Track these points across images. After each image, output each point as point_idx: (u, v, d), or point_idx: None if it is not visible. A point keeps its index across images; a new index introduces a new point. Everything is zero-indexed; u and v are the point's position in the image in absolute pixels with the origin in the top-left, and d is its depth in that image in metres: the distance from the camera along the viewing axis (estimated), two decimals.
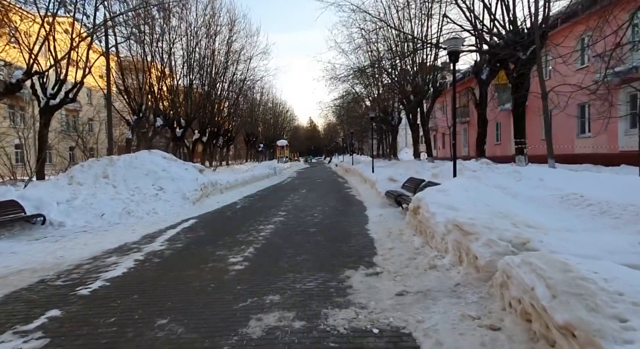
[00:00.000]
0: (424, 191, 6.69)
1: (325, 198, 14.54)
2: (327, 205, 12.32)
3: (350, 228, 8.27)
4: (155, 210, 10.91)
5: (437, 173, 10.92)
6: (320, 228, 8.42)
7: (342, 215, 10.16)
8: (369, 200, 12.96)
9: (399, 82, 26.29)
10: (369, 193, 14.90)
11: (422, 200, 6.21)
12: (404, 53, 22.00)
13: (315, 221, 9.43)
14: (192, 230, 8.74)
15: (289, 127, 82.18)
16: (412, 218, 6.82)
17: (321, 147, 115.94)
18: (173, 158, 13.86)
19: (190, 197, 12.08)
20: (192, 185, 12.65)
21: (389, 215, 9.39)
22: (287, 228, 8.58)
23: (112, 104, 17.94)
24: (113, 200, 10.75)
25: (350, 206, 12.00)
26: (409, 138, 57.78)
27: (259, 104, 50.91)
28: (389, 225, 8.15)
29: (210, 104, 30.91)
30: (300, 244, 6.98)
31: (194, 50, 26.42)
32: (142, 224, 9.49)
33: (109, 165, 12.15)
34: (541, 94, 11.31)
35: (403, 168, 20.30)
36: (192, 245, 7.24)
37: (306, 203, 13.01)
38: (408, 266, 4.95)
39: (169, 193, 11.94)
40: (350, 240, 7.12)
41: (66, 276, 5.44)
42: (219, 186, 14.79)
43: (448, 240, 4.83)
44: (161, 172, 12.63)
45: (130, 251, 6.78)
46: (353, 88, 37.40)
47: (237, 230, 8.46)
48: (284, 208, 11.88)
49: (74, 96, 15.44)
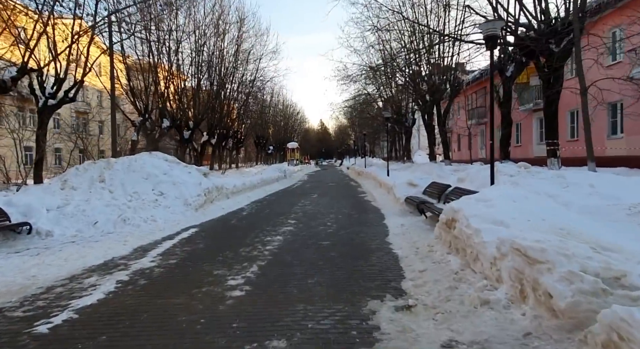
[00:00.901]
0: (459, 201, 5.63)
1: (339, 204, 13.52)
2: (340, 212, 11.30)
3: (368, 242, 7.24)
4: (153, 217, 10.01)
5: (464, 178, 9.84)
6: (335, 241, 7.40)
7: (358, 225, 9.13)
8: (387, 206, 11.90)
9: (414, 80, 25.18)
10: (385, 198, 13.84)
11: (459, 212, 5.16)
12: (419, 49, 20.90)
13: (329, 231, 8.41)
14: (190, 241, 7.80)
15: (299, 129, 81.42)
16: (444, 232, 5.77)
17: (332, 149, 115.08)
18: (175, 161, 12.99)
19: (192, 203, 11.17)
20: (195, 190, 11.74)
21: (411, 225, 8.33)
22: (297, 241, 7.58)
23: (115, 104, 17.25)
24: (108, 207, 9.88)
25: (366, 213, 10.95)
26: (422, 140, 56.55)
27: (269, 105, 50.14)
28: (414, 237, 7.09)
29: (219, 105, 30.14)
30: (312, 262, 5.97)
31: (201, 49, 25.68)
32: (137, 234, 8.58)
33: (106, 168, 11.31)
34: (580, 90, 10.15)
35: (420, 171, 19.19)
36: (187, 261, 6.28)
37: (318, 210, 12.01)
38: (450, 300, 3.90)
39: (169, 199, 11.04)
40: (370, 257, 6.08)
41: (30, 303, 4.51)
42: (224, 191, 13.87)
43: (502, 266, 3.77)
44: (162, 175, 11.75)
45: (115, 269, 5.84)
46: (365, 89, 36.36)
47: (240, 243, 7.49)
48: (293, 216, 10.89)
49: (73, 95, 14.66)
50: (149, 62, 22.04)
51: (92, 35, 14.66)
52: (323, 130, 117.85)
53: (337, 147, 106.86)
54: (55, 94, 14.35)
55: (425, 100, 25.66)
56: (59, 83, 14.38)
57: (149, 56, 22.01)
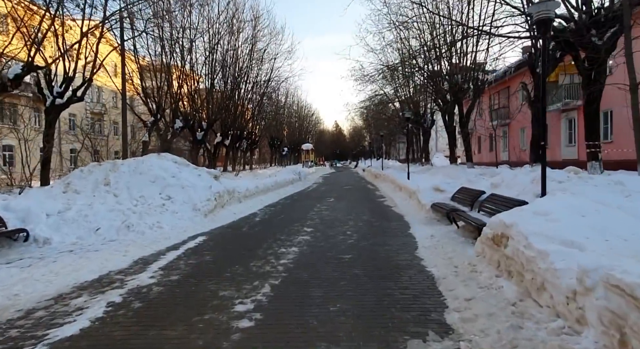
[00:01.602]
0: (511, 213, 4.73)
1: (357, 209, 12.67)
2: (360, 219, 10.45)
3: (395, 256, 6.38)
4: (160, 223, 9.33)
5: (498, 183, 8.89)
6: (357, 255, 6.57)
7: (382, 234, 8.26)
8: (410, 213, 11.01)
9: (434, 79, 24.16)
10: (407, 204, 12.93)
11: (511, 227, 4.28)
12: (440, 46, 19.86)
13: (349, 242, 7.58)
14: (197, 252, 7.06)
15: (314, 131, 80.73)
16: (489, 250, 4.88)
17: (347, 151, 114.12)
18: (185, 163, 12.33)
19: (201, 208, 10.47)
20: (205, 194, 11.04)
21: (442, 236, 7.44)
22: (315, 253, 6.77)
23: (127, 104, 16.75)
24: (112, 212, 9.24)
25: (389, 221, 10.08)
26: (439, 142, 55.18)
27: (283, 106, 49.57)
28: (449, 252, 6.21)
29: (233, 105, 29.60)
30: (333, 281, 5.15)
31: (215, 48, 25.13)
32: (140, 242, 7.90)
33: (112, 171, 10.70)
34: (629, 86, 9.10)
35: (442, 174, 18.18)
36: (191, 277, 5.53)
37: (335, 216, 11.18)
38: (517, 346, 3.02)
39: (177, 204, 10.36)
40: (401, 277, 5.23)
41: (1, 334, 3.80)
42: (236, 195, 13.16)
43: (587, 304, 2.89)
44: (170, 178, 11.09)
45: (109, 287, 5.13)
46: (382, 89, 35.39)
47: (251, 255, 6.72)
48: (309, 223, 10.09)
49: (82, 94, 14.18)
50: (162, 61, 21.56)
51: (101, 31, 14.15)
52: (338, 132, 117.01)
53: (352, 148, 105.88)
54: (63, 93, 13.88)
55: (446, 100, 24.61)
56: (68, 82, 13.92)
57: (161, 55, 21.55)
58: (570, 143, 24.78)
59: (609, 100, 15.31)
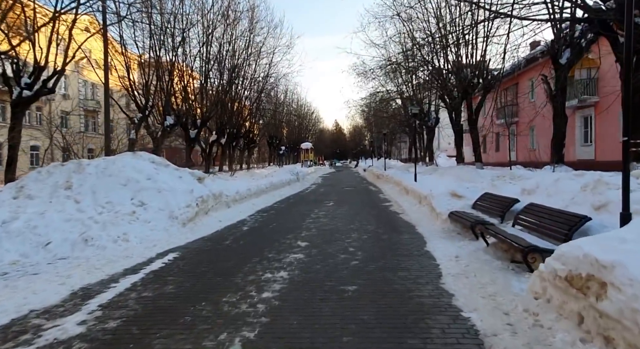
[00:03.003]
0: (602, 245, 3.18)
1: (360, 216, 11.15)
2: (364, 230, 8.93)
3: (415, 289, 4.85)
4: (127, 235, 7.81)
5: (532, 189, 7.38)
6: (364, 286, 5.04)
7: (392, 253, 6.74)
8: (423, 222, 9.48)
9: (440, 74, 22.66)
10: (417, 210, 11.41)
11: (614, 270, 2.76)
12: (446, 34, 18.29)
13: (353, 265, 6.06)
14: (159, 278, 5.54)
15: (314, 130, 79.12)
16: (562, 295, 3.37)
17: (347, 150, 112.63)
18: (164, 163, 10.79)
19: (180, 216, 8.95)
20: (185, 199, 9.53)
21: (470, 258, 5.92)
22: (309, 282, 5.25)
23: (109, 94, 15.14)
24: (69, 222, 7.73)
25: (398, 233, 8.55)
26: (442, 141, 53.55)
27: (282, 104, 48.05)
28: (487, 285, 4.68)
29: (229, 101, 28.08)
30: (334, 335, 3.62)
31: (210, 39, 23.55)
32: (94, 261, 6.39)
33: (76, 172, 9.19)
34: None
35: (452, 176, 16.69)
36: (137, 322, 4.01)
37: (335, 225, 9.66)
38: None
39: (151, 211, 8.84)
40: (430, 329, 3.68)
41: None
42: (224, 199, 11.64)
43: None
44: (145, 181, 9.57)
45: (12, 342, 3.61)
46: (383, 86, 33.86)
47: (226, 283, 5.20)
48: (305, 234, 8.57)
49: (53, 86, 12.66)
50: (150, 53, 20.04)
51: (76, 13, 12.60)
52: (338, 131, 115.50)
53: (352, 147, 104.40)
54: (32, 84, 12.38)
55: (453, 96, 23.09)
56: (38, 72, 12.41)
57: (150, 46, 20.00)
58: (586, 143, 23.24)
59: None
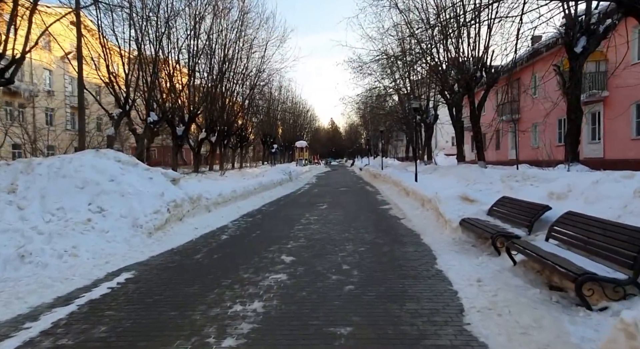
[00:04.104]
0: None
1: (356, 222, 9.89)
2: (361, 240, 7.67)
3: (432, 334, 3.58)
4: (76, 249, 6.50)
5: (562, 193, 6.16)
6: (361, 325, 3.77)
7: (396, 274, 5.48)
8: (428, 230, 8.22)
9: (440, 67, 21.46)
10: (420, 215, 10.16)
11: None
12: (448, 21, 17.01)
13: (347, 291, 4.79)
14: (94, 313, 4.24)
15: (309, 128, 77.66)
16: None
17: (343, 148, 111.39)
18: (132, 162, 9.45)
19: (145, 224, 7.65)
20: (154, 204, 8.21)
21: (496, 283, 4.66)
22: (289, 320, 3.97)
23: (84, 87, 13.65)
24: (5, 233, 6.41)
25: (402, 244, 7.28)
26: (440, 139, 52.31)
27: (277, 101, 46.73)
28: (530, 329, 3.43)
29: (221, 96, 26.75)
30: None
31: (197, 29, 22.14)
32: (24, 285, 5.09)
33: (24, 172, 7.86)
34: None
35: (455, 176, 15.48)
36: None
37: (327, 234, 8.39)
38: None
39: (111, 219, 7.53)
40: None
41: None
42: (203, 203, 10.35)
43: None
44: (107, 183, 8.25)
45: None
46: (380, 83, 32.57)
47: (180, 322, 3.91)
48: (291, 246, 7.29)
49: (10, 76, 11.28)
50: (130, 42, 18.67)
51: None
52: (333, 129, 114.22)
53: (348, 146, 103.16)
54: None
55: (453, 91, 21.90)
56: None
57: (130, 36, 18.62)
58: (594, 140, 22.14)
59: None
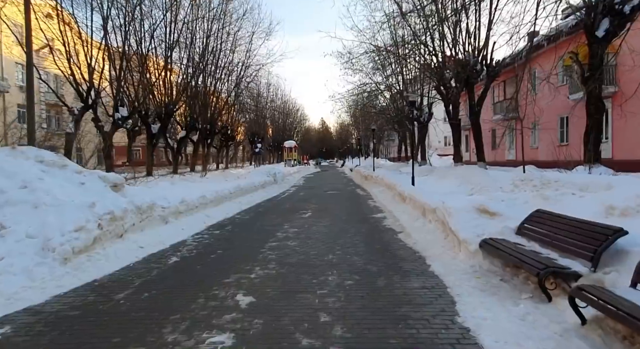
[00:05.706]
0: None
1: (344, 237, 8.04)
2: (349, 267, 5.82)
3: None
4: None
5: (627, 207, 4.42)
6: None
7: (400, 334, 3.65)
8: (435, 251, 6.39)
9: (436, 59, 19.84)
10: (420, 227, 8.34)
11: None
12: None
13: None
14: None
15: (300, 128, 75.57)
16: None
17: (333, 149, 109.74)
18: (59, 164, 7.47)
19: (59, 247, 5.69)
20: (77, 218, 6.25)
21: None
22: None
23: (32, 74, 11.54)
24: None
25: (403, 275, 5.44)
26: (433, 139, 50.78)
27: (265, 98, 44.79)
28: None
29: (204, 91, 24.77)
30: None
31: (173, 13, 20.12)
32: None
33: None
34: None
35: (457, 178, 13.76)
36: None
37: (306, 256, 6.52)
38: None
39: (11, 240, 5.57)
40: None
41: None
42: (157, 213, 8.41)
43: None
44: (15, 191, 6.29)
45: None
46: (371, 79, 30.84)
47: None
48: (256, 275, 5.41)
49: None
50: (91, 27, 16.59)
51: None
52: (324, 129, 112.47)
53: (338, 146, 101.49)
54: None
55: (450, 86, 20.26)
56: None
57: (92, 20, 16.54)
58: (602, 140, 20.63)
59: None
